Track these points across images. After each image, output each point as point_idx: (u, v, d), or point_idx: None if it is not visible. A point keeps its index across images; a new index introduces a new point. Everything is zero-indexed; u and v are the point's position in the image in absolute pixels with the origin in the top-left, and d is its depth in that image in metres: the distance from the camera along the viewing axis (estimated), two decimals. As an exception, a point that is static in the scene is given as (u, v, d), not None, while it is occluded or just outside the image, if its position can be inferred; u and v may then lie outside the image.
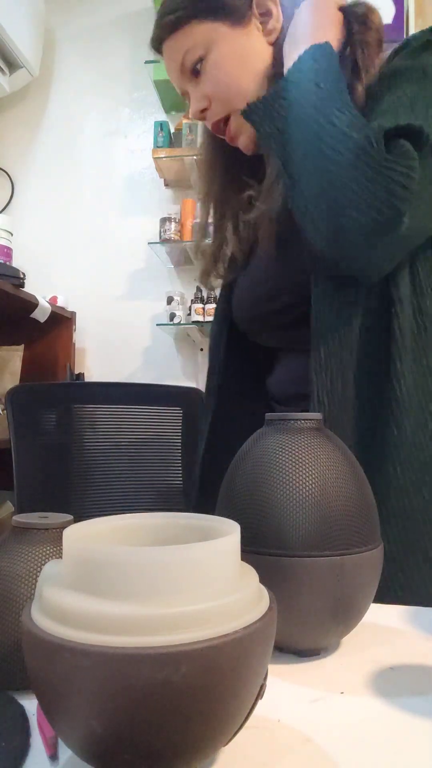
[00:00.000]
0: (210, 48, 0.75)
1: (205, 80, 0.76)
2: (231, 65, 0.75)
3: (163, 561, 0.29)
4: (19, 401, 1.27)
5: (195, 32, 0.75)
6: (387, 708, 0.40)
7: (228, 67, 0.75)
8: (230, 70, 0.75)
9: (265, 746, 0.36)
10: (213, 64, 0.75)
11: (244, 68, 0.75)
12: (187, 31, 0.75)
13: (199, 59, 0.75)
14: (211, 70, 0.75)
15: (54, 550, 0.44)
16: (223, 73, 0.75)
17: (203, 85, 0.77)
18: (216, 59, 0.75)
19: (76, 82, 2.63)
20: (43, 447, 1.32)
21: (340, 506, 0.47)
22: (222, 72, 0.75)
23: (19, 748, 0.35)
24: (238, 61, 0.75)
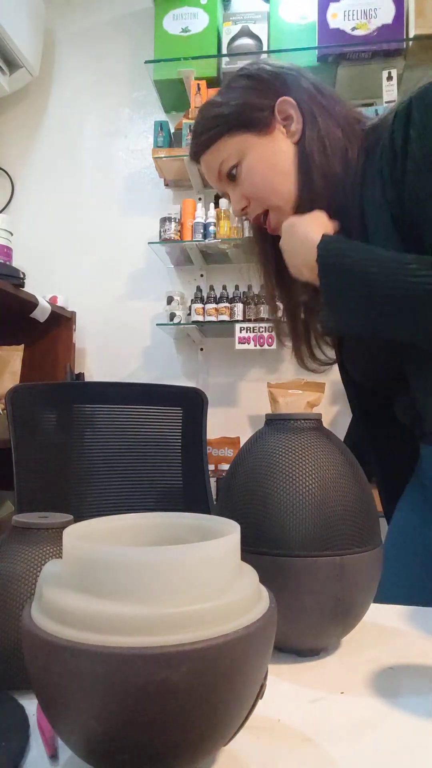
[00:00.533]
0: (243, 156, 0.84)
1: (241, 184, 0.86)
2: (263, 169, 0.84)
3: (163, 561, 0.29)
4: (19, 401, 1.26)
5: (227, 145, 0.85)
6: (387, 708, 0.40)
7: (260, 171, 0.84)
8: (263, 174, 0.84)
9: (265, 746, 0.36)
10: (247, 170, 0.84)
11: (274, 170, 0.84)
12: (221, 145, 0.85)
13: (234, 166, 0.85)
14: (246, 175, 0.85)
15: (54, 550, 0.44)
16: (257, 177, 0.84)
17: (241, 188, 0.86)
18: (249, 166, 0.84)
19: (76, 82, 2.63)
20: (43, 447, 1.32)
21: (340, 506, 0.47)
22: (256, 176, 0.84)
23: (19, 748, 0.35)
24: (268, 164, 0.84)
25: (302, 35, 2.20)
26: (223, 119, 0.85)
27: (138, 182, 2.53)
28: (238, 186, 0.86)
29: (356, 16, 2.14)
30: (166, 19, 2.30)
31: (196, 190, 2.41)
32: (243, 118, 0.84)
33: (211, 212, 2.23)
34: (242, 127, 0.84)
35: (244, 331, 2.08)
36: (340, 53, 2.15)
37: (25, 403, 1.28)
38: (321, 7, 2.15)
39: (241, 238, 2.21)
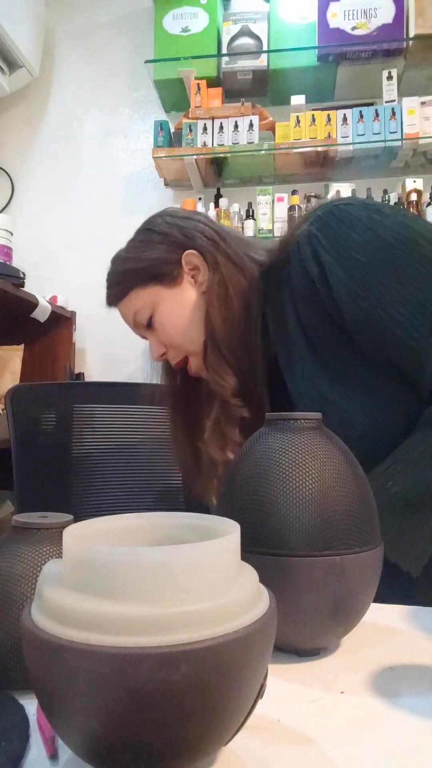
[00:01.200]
0: (155, 308, 0.89)
1: (158, 332, 0.90)
2: (174, 320, 0.89)
3: (163, 561, 0.29)
4: (19, 401, 1.26)
5: (140, 297, 0.89)
6: (387, 708, 0.40)
7: (172, 322, 0.89)
8: (174, 324, 0.89)
9: (265, 746, 0.36)
10: (160, 321, 0.89)
11: (184, 320, 0.88)
12: (132, 298, 0.90)
13: (149, 317, 0.89)
14: (159, 325, 0.89)
15: (54, 550, 0.44)
16: (169, 328, 0.89)
17: (158, 336, 0.91)
18: (161, 317, 0.89)
19: (76, 81, 2.63)
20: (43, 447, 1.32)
21: (340, 506, 0.47)
22: (168, 326, 0.89)
23: (19, 748, 0.35)
24: (179, 315, 0.88)
25: (302, 35, 2.20)
26: (134, 274, 0.90)
27: (138, 182, 2.53)
28: (155, 334, 0.91)
29: (356, 16, 2.14)
30: (166, 18, 2.30)
31: (196, 190, 2.41)
32: (152, 272, 0.89)
33: (211, 212, 2.23)
34: (152, 280, 0.89)
35: (244, 331, 2.08)
36: (340, 53, 2.15)
37: (25, 403, 1.28)
38: (321, 7, 2.15)
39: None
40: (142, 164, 2.51)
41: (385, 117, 2.09)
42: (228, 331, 0.85)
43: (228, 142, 2.18)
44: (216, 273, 0.86)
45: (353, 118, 2.11)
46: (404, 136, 2.07)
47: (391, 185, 2.22)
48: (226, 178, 2.41)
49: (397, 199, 2.15)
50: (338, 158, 2.20)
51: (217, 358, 0.85)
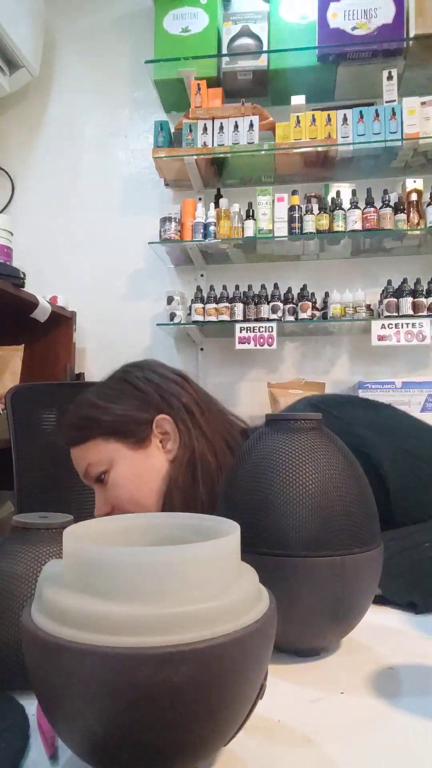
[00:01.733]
0: (111, 465, 0.82)
1: (109, 490, 0.83)
2: (130, 484, 0.81)
3: (163, 561, 0.29)
4: (20, 401, 1.26)
5: (99, 449, 0.82)
6: (387, 708, 0.40)
7: (127, 486, 0.81)
8: (129, 489, 0.81)
9: (265, 746, 0.36)
10: (114, 481, 0.82)
11: (141, 486, 0.81)
12: (90, 447, 0.82)
13: (102, 472, 0.82)
14: (112, 486, 0.82)
15: (54, 550, 0.44)
16: (122, 491, 0.81)
17: (108, 492, 0.83)
18: (116, 478, 0.81)
19: (76, 82, 2.63)
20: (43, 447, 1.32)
21: (340, 506, 0.47)
22: (121, 490, 0.81)
23: (19, 748, 0.35)
24: (136, 480, 0.82)
25: (302, 35, 2.20)
26: (99, 424, 0.82)
27: (138, 182, 2.53)
28: (105, 490, 0.83)
29: (356, 16, 2.13)
30: (166, 19, 2.30)
31: (196, 190, 2.41)
32: (119, 428, 0.82)
33: (211, 212, 2.23)
34: (117, 436, 0.82)
35: (244, 331, 2.08)
36: (340, 53, 2.15)
37: (25, 403, 1.28)
38: (321, 7, 2.15)
39: (242, 237, 2.22)
40: (142, 164, 2.51)
41: (385, 117, 2.09)
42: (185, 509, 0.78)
43: (228, 142, 2.18)
44: (187, 449, 0.82)
45: (353, 118, 2.11)
46: (404, 136, 2.06)
47: (391, 185, 2.22)
48: (226, 178, 2.41)
49: (398, 199, 2.15)
50: (338, 158, 2.20)
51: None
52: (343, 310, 2.13)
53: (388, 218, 2.10)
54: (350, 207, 2.14)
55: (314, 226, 2.15)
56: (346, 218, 2.13)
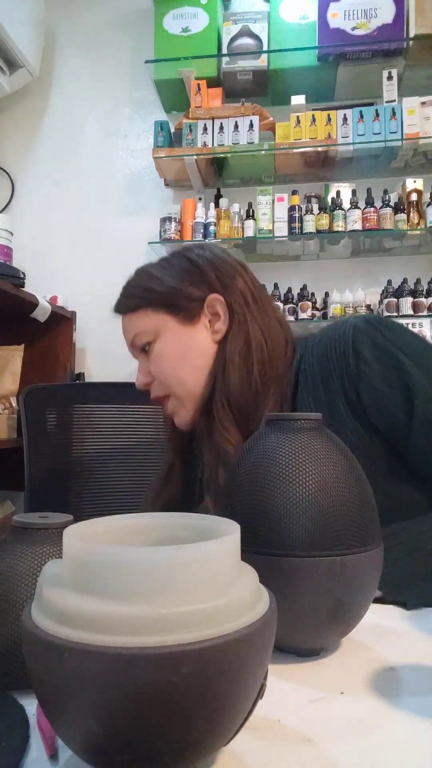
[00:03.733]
0: (158, 336, 0.84)
1: (152, 361, 0.85)
2: (173, 357, 0.83)
3: (163, 561, 0.29)
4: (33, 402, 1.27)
5: (148, 319, 0.84)
6: (387, 708, 0.40)
7: (170, 358, 0.83)
8: (172, 361, 0.83)
9: (265, 746, 0.36)
10: (158, 352, 0.84)
11: (185, 361, 0.83)
12: (141, 316, 0.85)
13: (148, 343, 0.85)
14: (156, 356, 0.84)
15: (54, 550, 0.44)
16: (165, 363, 0.84)
17: (150, 364, 0.85)
18: (160, 349, 0.84)
19: (76, 82, 2.63)
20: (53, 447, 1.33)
21: (340, 506, 0.47)
22: (164, 362, 0.84)
23: (19, 748, 0.35)
24: (180, 354, 0.83)
25: (302, 35, 2.20)
26: (152, 294, 0.84)
27: (138, 182, 2.53)
28: (148, 360, 0.85)
29: (356, 16, 2.14)
30: (166, 18, 2.30)
31: (196, 190, 2.41)
32: (170, 301, 0.83)
33: (211, 212, 2.23)
34: (167, 308, 0.83)
35: (245, 331, 2.08)
36: (340, 53, 2.15)
37: (38, 403, 1.28)
38: (321, 7, 2.16)
39: (242, 237, 2.22)
40: (142, 164, 2.51)
41: (385, 117, 2.09)
42: (241, 392, 0.80)
43: (228, 142, 2.18)
44: (241, 329, 0.82)
45: (353, 118, 2.11)
46: (404, 136, 2.07)
47: (391, 185, 2.22)
48: (226, 178, 2.41)
49: (398, 199, 2.15)
50: (338, 158, 2.21)
51: (226, 413, 0.80)
52: (343, 310, 2.13)
53: (388, 218, 2.10)
54: (350, 207, 2.14)
55: (314, 226, 2.15)
56: (346, 218, 2.13)
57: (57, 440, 1.35)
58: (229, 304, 0.83)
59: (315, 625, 0.47)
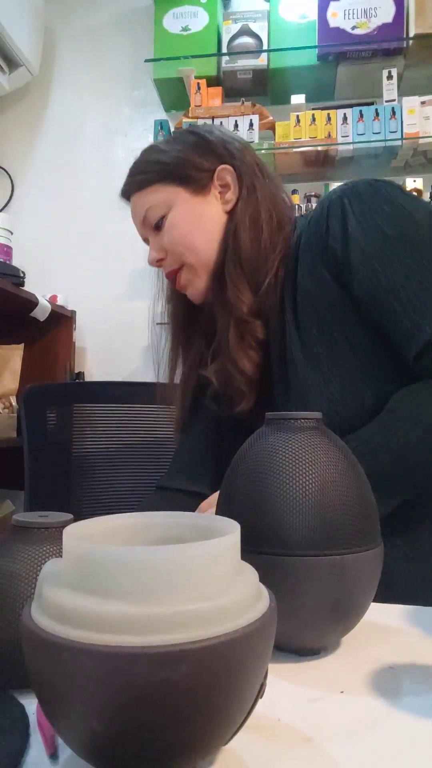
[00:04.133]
0: (170, 208, 0.85)
1: (164, 235, 0.86)
2: (185, 226, 0.85)
3: (163, 560, 0.29)
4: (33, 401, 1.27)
5: (158, 193, 0.86)
6: (387, 708, 0.40)
7: (183, 227, 0.85)
8: (184, 230, 0.85)
9: (265, 746, 0.36)
10: (170, 223, 0.85)
11: (196, 230, 0.85)
12: (152, 191, 0.86)
13: (161, 217, 0.86)
14: (168, 228, 0.86)
15: (54, 550, 0.44)
16: (177, 232, 0.85)
17: (161, 239, 0.87)
18: (173, 219, 0.85)
19: (76, 81, 2.62)
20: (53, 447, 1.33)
21: (340, 506, 0.47)
22: (177, 231, 0.85)
23: (19, 747, 0.35)
24: (193, 224, 0.85)
25: (302, 34, 2.20)
26: (161, 166, 0.86)
27: (138, 181, 2.52)
28: (160, 237, 0.87)
29: (356, 15, 2.13)
30: (166, 17, 2.30)
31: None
32: (181, 172, 0.85)
33: (211, 211, 2.22)
34: (177, 180, 0.85)
35: (244, 331, 2.08)
36: (340, 52, 2.15)
37: (38, 403, 1.28)
38: (321, 6, 2.15)
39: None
40: (142, 163, 2.51)
41: (385, 116, 2.09)
42: (252, 253, 0.82)
43: (228, 141, 2.18)
44: (249, 199, 0.84)
45: (353, 117, 2.11)
46: (404, 136, 2.06)
47: (391, 185, 2.22)
48: (226, 177, 2.41)
49: (397, 198, 2.15)
50: (338, 158, 2.20)
51: (238, 274, 0.83)
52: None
53: (388, 218, 2.10)
54: (350, 206, 2.13)
55: (314, 226, 2.14)
56: (346, 218, 2.13)
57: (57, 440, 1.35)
58: (238, 174, 0.85)
59: (315, 625, 0.47)
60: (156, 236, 0.88)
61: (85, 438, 1.38)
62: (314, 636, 0.48)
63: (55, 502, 1.28)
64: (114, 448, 1.38)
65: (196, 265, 0.86)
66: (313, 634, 0.48)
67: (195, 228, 0.85)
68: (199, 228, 0.85)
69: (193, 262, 0.86)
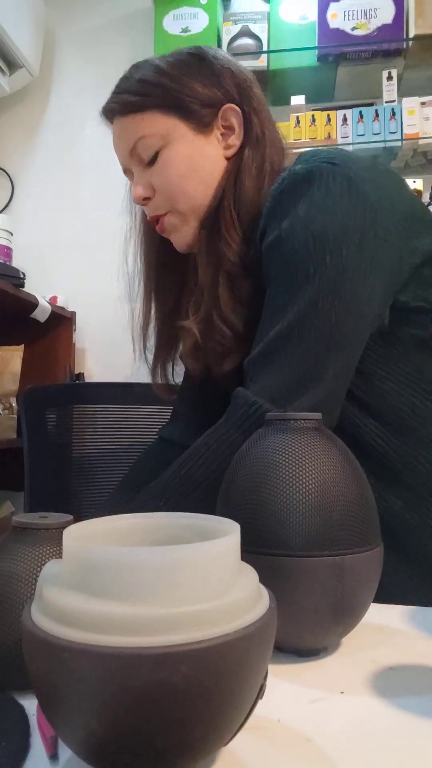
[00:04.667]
0: (167, 143, 0.74)
1: (155, 172, 0.76)
2: (183, 167, 0.75)
3: (162, 561, 0.29)
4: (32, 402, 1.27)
5: (155, 122, 0.74)
6: (387, 708, 0.40)
7: (180, 167, 0.75)
8: (181, 170, 0.75)
9: (265, 746, 0.36)
10: (166, 160, 0.75)
11: (194, 173, 0.75)
12: (148, 118, 0.74)
13: (155, 151, 0.75)
14: (164, 165, 0.75)
15: (54, 550, 0.44)
16: (174, 174, 0.75)
17: (152, 176, 0.76)
18: (170, 156, 0.75)
19: (76, 82, 2.63)
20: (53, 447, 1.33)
21: (340, 506, 0.47)
22: (174, 172, 0.75)
23: (19, 748, 0.35)
24: (191, 165, 0.75)
25: (302, 35, 2.20)
26: (162, 91, 0.74)
27: (138, 182, 2.53)
28: (149, 172, 0.76)
29: (356, 16, 2.13)
30: (166, 19, 2.30)
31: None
32: (184, 103, 0.74)
33: (211, 212, 2.22)
34: (179, 112, 0.74)
35: (244, 331, 2.08)
36: (340, 53, 2.15)
37: (37, 403, 1.28)
38: (321, 7, 2.15)
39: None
40: (142, 164, 2.51)
41: (385, 117, 2.09)
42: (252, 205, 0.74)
43: (228, 142, 2.18)
44: (260, 144, 0.76)
45: (353, 118, 2.11)
46: (404, 137, 2.07)
47: (391, 185, 2.22)
48: (226, 178, 2.41)
49: (397, 199, 2.15)
50: (338, 158, 2.20)
51: (234, 225, 0.74)
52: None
53: (388, 218, 2.10)
54: (350, 207, 2.14)
55: (314, 226, 2.14)
56: (346, 218, 2.13)
57: (57, 440, 1.35)
58: (245, 118, 0.76)
59: (315, 625, 0.47)
60: (143, 171, 0.77)
61: (84, 439, 1.38)
62: (314, 636, 0.48)
63: (55, 503, 1.28)
64: (114, 448, 1.38)
65: (186, 211, 0.77)
66: (313, 635, 0.48)
67: (193, 171, 0.75)
68: (197, 172, 0.75)
69: (183, 208, 0.76)
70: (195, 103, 0.75)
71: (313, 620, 0.47)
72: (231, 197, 0.75)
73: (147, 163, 0.76)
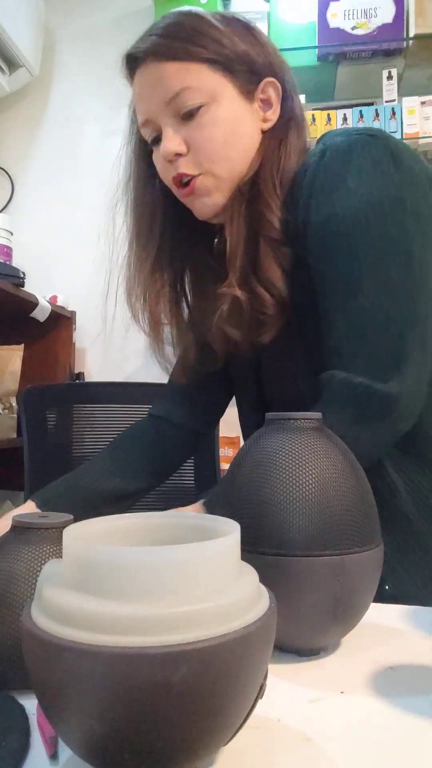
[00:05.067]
0: (213, 100, 0.71)
1: (195, 128, 0.71)
2: (229, 129, 0.72)
3: (163, 561, 0.29)
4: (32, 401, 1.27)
5: (202, 75, 0.70)
6: (387, 708, 0.40)
7: (226, 129, 0.72)
8: (225, 131, 0.72)
9: (265, 746, 0.36)
10: (213, 118, 0.71)
11: (239, 138, 0.73)
12: (194, 69, 0.70)
13: (198, 106, 0.71)
14: (208, 123, 0.71)
15: (54, 550, 0.44)
16: (218, 133, 0.71)
17: (191, 132, 0.72)
18: (217, 115, 0.71)
19: (76, 81, 2.62)
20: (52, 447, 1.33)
21: (340, 506, 0.47)
22: (218, 132, 0.71)
23: (19, 748, 0.35)
24: (236, 128, 0.72)
25: (302, 35, 2.20)
26: (218, 47, 0.70)
27: (138, 182, 2.53)
28: (186, 127, 0.72)
29: (356, 16, 2.13)
30: (166, 18, 2.30)
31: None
32: (234, 65, 0.71)
33: (211, 212, 2.22)
34: (230, 72, 0.71)
35: (244, 331, 2.08)
36: (340, 52, 2.15)
37: (37, 403, 1.28)
38: (321, 7, 2.15)
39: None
40: (142, 164, 2.51)
41: (385, 117, 2.09)
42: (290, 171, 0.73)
43: (228, 141, 2.18)
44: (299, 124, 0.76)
45: (353, 117, 2.11)
46: (404, 136, 2.07)
47: (391, 185, 2.22)
48: (226, 177, 2.41)
49: (397, 198, 2.15)
50: (338, 158, 2.20)
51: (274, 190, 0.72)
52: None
53: (388, 218, 2.10)
54: (350, 207, 2.14)
55: (314, 226, 2.14)
56: (346, 218, 2.13)
57: (57, 440, 1.35)
58: (283, 95, 0.74)
59: (315, 625, 0.47)
60: (179, 125, 0.72)
61: (85, 438, 1.38)
62: (314, 636, 0.48)
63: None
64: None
65: (223, 175, 0.73)
66: (313, 635, 0.48)
67: (237, 136, 0.72)
68: (242, 137, 0.72)
69: (221, 171, 0.72)
70: (245, 66, 0.72)
71: (313, 620, 0.47)
72: (273, 166, 0.73)
73: (185, 117, 0.72)
